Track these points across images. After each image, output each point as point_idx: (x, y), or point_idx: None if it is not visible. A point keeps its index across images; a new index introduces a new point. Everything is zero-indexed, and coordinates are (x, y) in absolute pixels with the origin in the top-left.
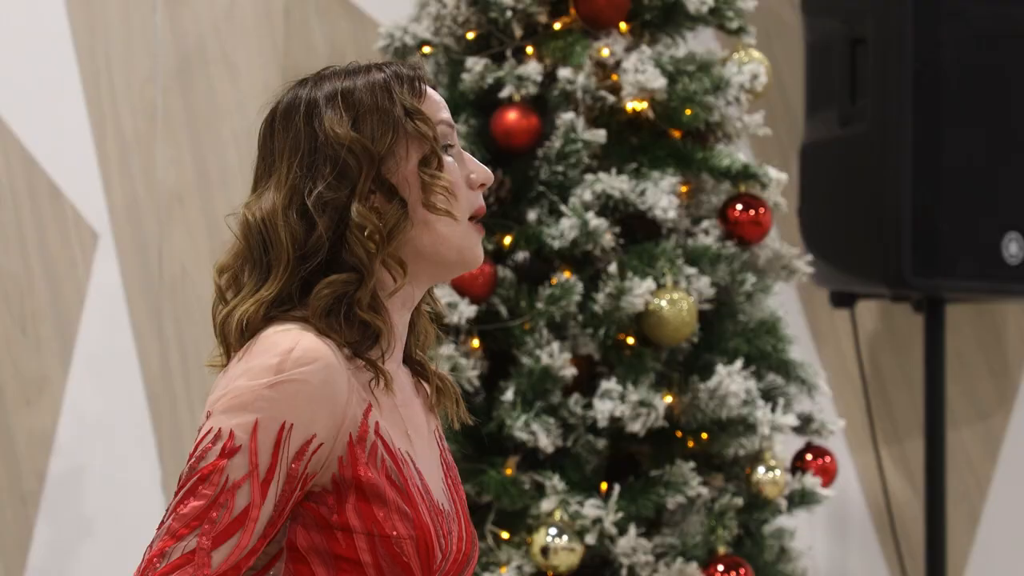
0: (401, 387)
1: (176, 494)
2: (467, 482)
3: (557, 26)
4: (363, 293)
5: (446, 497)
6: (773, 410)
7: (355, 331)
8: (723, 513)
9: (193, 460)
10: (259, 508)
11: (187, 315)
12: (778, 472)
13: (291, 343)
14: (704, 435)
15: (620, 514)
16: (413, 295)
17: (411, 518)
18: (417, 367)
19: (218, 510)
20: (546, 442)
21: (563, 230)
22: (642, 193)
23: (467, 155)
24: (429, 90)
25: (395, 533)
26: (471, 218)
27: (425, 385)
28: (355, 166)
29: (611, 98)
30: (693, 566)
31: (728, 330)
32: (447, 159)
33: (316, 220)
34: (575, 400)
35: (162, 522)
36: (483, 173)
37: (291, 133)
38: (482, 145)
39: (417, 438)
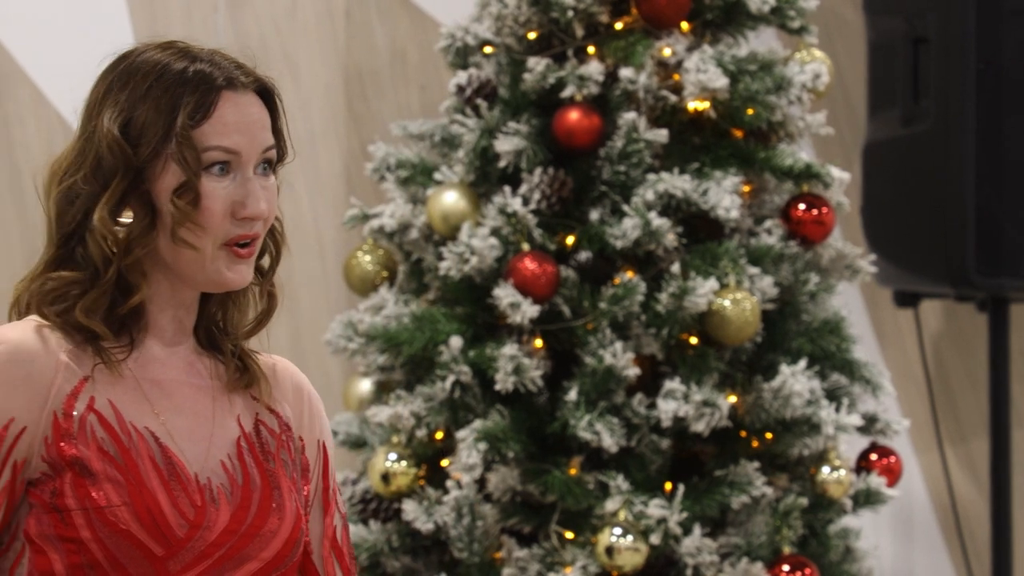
0: (164, 369)
1: None
2: (531, 482)
3: (619, 26)
4: (93, 298)
5: (223, 472)
6: (837, 410)
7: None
8: (788, 513)
9: None
10: None
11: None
12: (843, 472)
13: None
14: (768, 435)
15: (685, 514)
16: (179, 295)
17: (125, 485)
18: (217, 352)
19: None
20: (610, 442)
21: (625, 230)
22: (704, 193)
23: (251, 184)
24: (227, 105)
25: (106, 502)
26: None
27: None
28: (111, 168)
29: (673, 98)
30: (758, 566)
31: (792, 330)
32: (214, 185)
33: (66, 210)
34: (639, 400)
35: None
36: (252, 208)
37: (86, 110)
38: (544, 145)
39: (173, 415)
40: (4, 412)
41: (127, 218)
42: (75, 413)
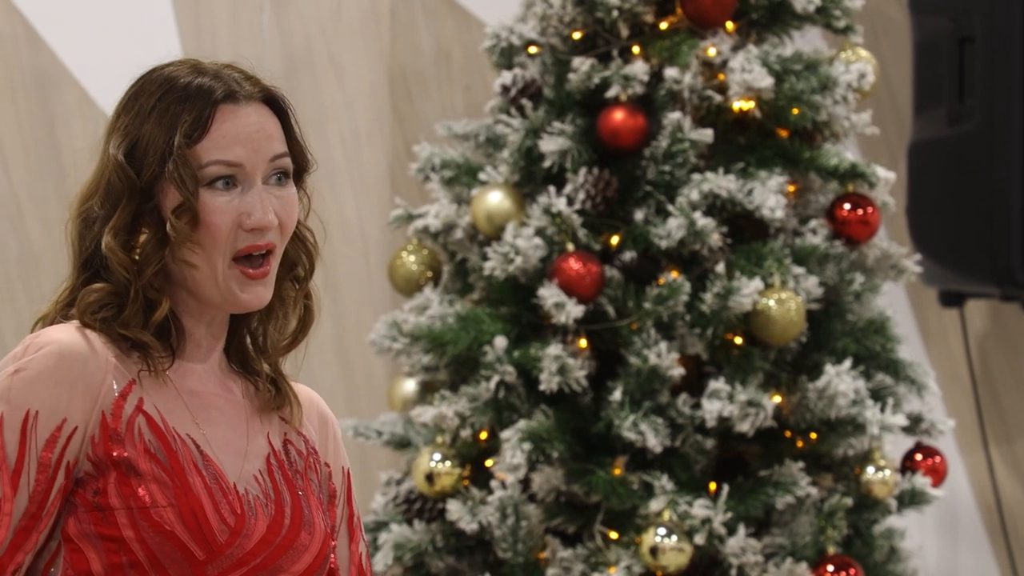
0: (202, 382)
1: None
2: (575, 482)
3: (663, 25)
4: (129, 315)
5: (257, 486)
6: (882, 410)
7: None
8: (833, 513)
9: None
10: (11, 502)
11: None
12: (888, 472)
13: (43, 333)
14: (813, 435)
15: (729, 514)
16: (207, 313)
17: (171, 487)
18: (251, 373)
19: None
20: (654, 442)
21: (670, 230)
22: (749, 192)
23: (256, 194)
24: (226, 118)
25: (151, 502)
26: (239, 259)
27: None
28: (118, 191)
29: (718, 97)
30: (803, 566)
31: (836, 330)
32: (216, 199)
33: (85, 234)
34: (683, 400)
35: None
36: (259, 219)
37: (104, 136)
38: (588, 145)
39: (211, 427)
40: (56, 412)
41: (142, 239)
42: (124, 414)
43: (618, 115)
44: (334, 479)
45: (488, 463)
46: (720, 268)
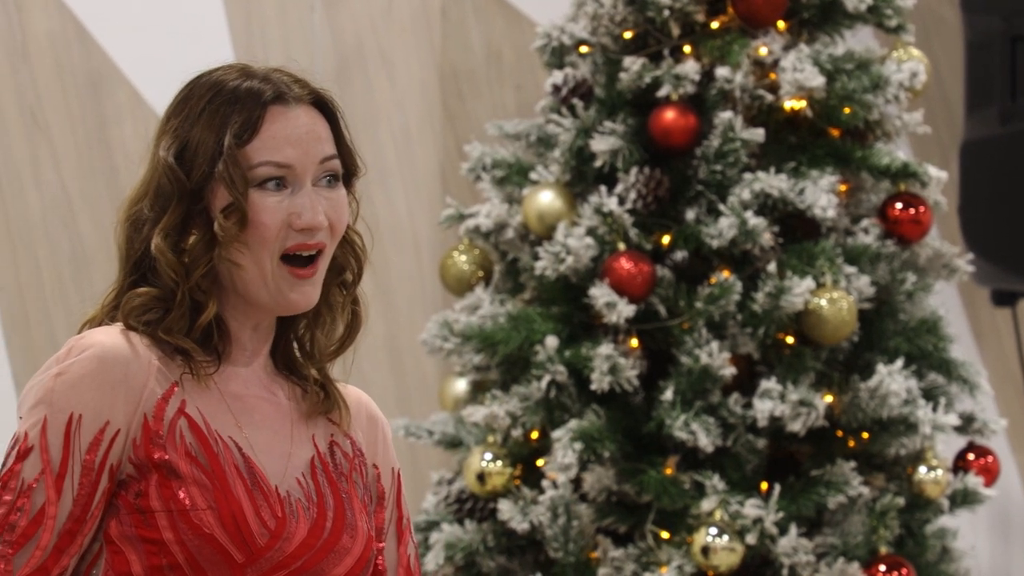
0: (246, 385)
1: None
2: (627, 482)
3: (715, 25)
4: (174, 320)
5: (300, 489)
6: (934, 409)
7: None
8: (885, 513)
9: (0, 469)
10: (55, 505)
11: None
12: (940, 472)
13: (85, 335)
14: (865, 434)
15: (781, 514)
16: (253, 316)
17: (212, 490)
18: (298, 377)
19: (16, 514)
20: (706, 442)
21: (722, 229)
22: (801, 192)
23: (306, 195)
24: (275, 120)
25: (191, 505)
26: (287, 259)
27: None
28: (168, 193)
29: (769, 97)
30: (855, 566)
31: (888, 329)
32: (266, 199)
33: (134, 237)
34: (735, 399)
35: None
36: (309, 219)
37: (153, 140)
38: (640, 145)
39: (254, 430)
40: (99, 415)
41: (191, 241)
42: (165, 417)
43: (669, 114)
44: (383, 480)
45: (539, 463)
46: (772, 267)
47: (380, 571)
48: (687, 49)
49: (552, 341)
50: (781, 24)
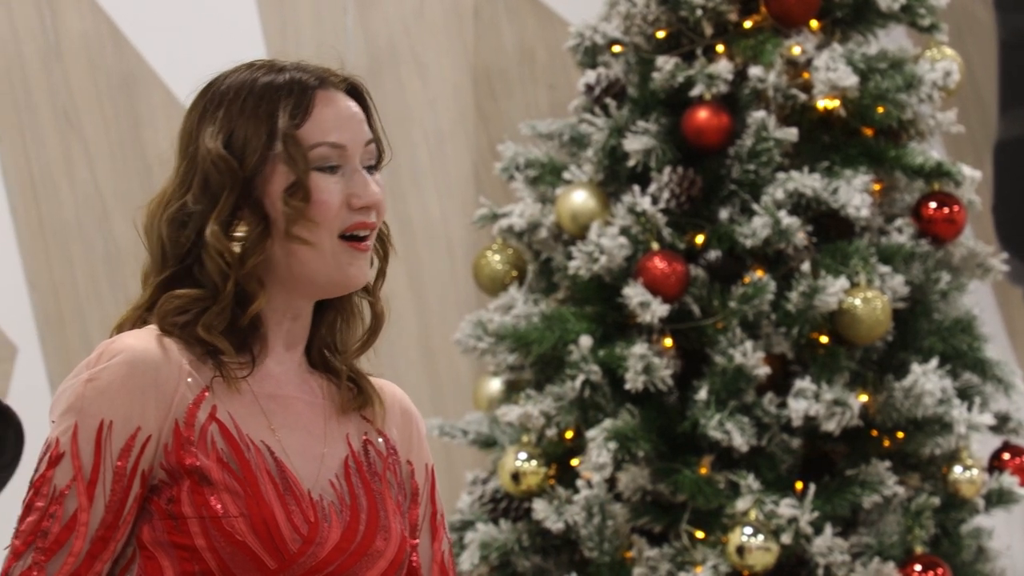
0: (280, 385)
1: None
2: (661, 481)
3: (748, 24)
4: (214, 315)
5: (332, 491)
6: (969, 409)
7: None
8: (920, 512)
9: (33, 474)
10: (87, 512)
11: None
12: (975, 471)
13: (116, 340)
14: (900, 434)
15: (816, 513)
16: (294, 306)
17: (243, 496)
18: (331, 371)
19: (48, 521)
20: (740, 441)
21: (755, 229)
22: (835, 191)
23: (361, 175)
24: (325, 103)
25: (223, 512)
26: (346, 236)
27: (333, 387)
28: (219, 183)
29: (802, 96)
30: (890, 566)
31: (923, 329)
32: (325, 180)
33: (179, 232)
34: (769, 399)
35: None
36: (367, 197)
37: (185, 134)
38: (673, 144)
39: (287, 432)
40: (130, 421)
41: (240, 232)
42: (196, 422)
43: (702, 114)
44: (416, 476)
45: (574, 462)
46: (805, 267)
47: (414, 568)
48: (720, 48)
49: (586, 341)
50: (814, 23)
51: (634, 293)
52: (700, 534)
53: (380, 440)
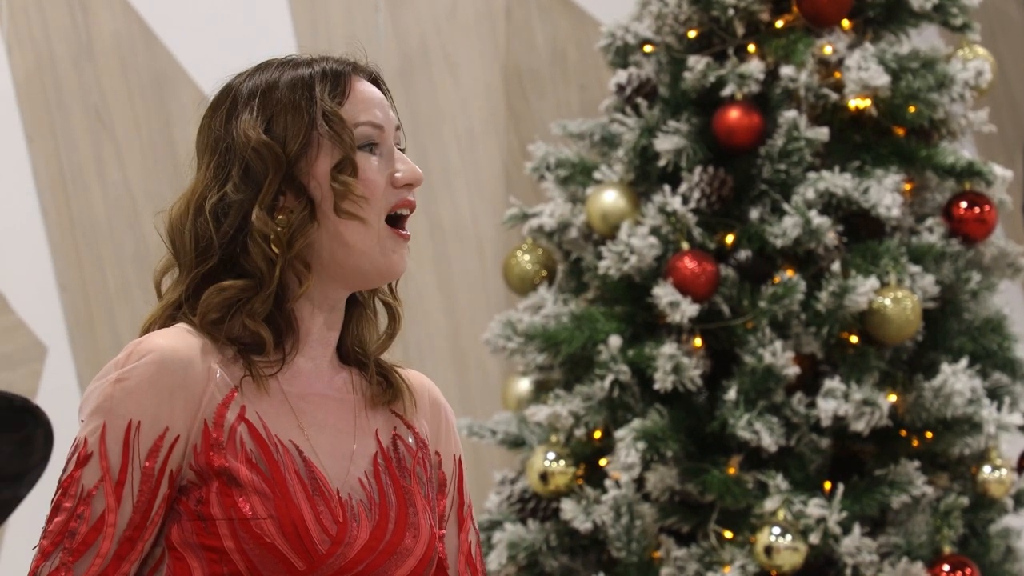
0: (310, 383)
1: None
2: (690, 481)
3: (779, 24)
4: (258, 302)
5: (361, 490)
6: (999, 409)
7: (247, 333)
8: (948, 513)
9: (61, 474)
10: (115, 513)
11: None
12: (1004, 471)
13: (145, 339)
14: (929, 434)
15: (844, 513)
16: (331, 297)
17: (272, 498)
18: (358, 367)
19: (76, 522)
20: (769, 441)
21: (786, 228)
22: (865, 191)
23: (398, 154)
24: (359, 87)
25: (252, 514)
26: (391, 219)
27: (363, 382)
28: (262, 170)
29: (834, 96)
30: (918, 566)
31: (953, 328)
32: (368, 160)
33: (221, 222)
34: (798, 399)
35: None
36: (410, 173)
37: (212, 133)
38: (703, 144)
39: (317, 431)
40: (159, 421)
41: (282, 218)
42: (225, 423)
43: (733, 114)
44: (444, 467)
45: (602, 462)
46: (836, 267)
47: (440, 558)
48: (751, 48)
49: (615, 341)
50: (846, 23)
51: (664, 293)
52: (728, 534)
53: (409, 435)
